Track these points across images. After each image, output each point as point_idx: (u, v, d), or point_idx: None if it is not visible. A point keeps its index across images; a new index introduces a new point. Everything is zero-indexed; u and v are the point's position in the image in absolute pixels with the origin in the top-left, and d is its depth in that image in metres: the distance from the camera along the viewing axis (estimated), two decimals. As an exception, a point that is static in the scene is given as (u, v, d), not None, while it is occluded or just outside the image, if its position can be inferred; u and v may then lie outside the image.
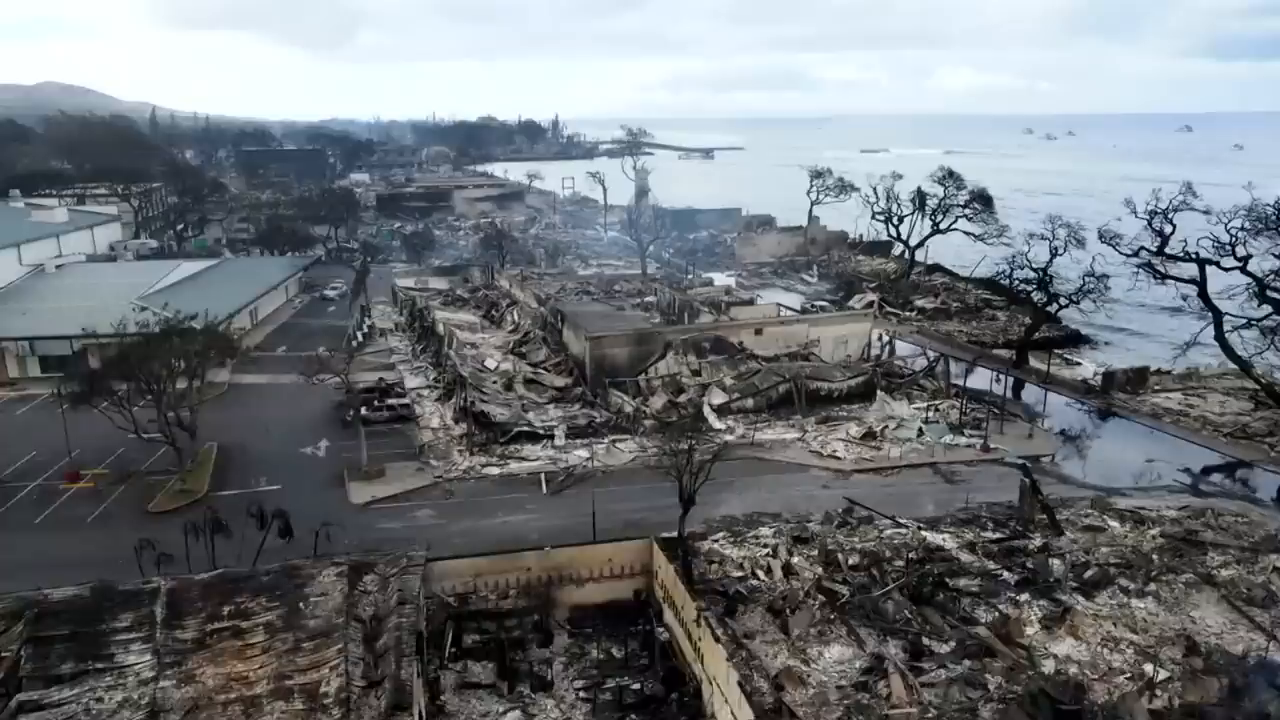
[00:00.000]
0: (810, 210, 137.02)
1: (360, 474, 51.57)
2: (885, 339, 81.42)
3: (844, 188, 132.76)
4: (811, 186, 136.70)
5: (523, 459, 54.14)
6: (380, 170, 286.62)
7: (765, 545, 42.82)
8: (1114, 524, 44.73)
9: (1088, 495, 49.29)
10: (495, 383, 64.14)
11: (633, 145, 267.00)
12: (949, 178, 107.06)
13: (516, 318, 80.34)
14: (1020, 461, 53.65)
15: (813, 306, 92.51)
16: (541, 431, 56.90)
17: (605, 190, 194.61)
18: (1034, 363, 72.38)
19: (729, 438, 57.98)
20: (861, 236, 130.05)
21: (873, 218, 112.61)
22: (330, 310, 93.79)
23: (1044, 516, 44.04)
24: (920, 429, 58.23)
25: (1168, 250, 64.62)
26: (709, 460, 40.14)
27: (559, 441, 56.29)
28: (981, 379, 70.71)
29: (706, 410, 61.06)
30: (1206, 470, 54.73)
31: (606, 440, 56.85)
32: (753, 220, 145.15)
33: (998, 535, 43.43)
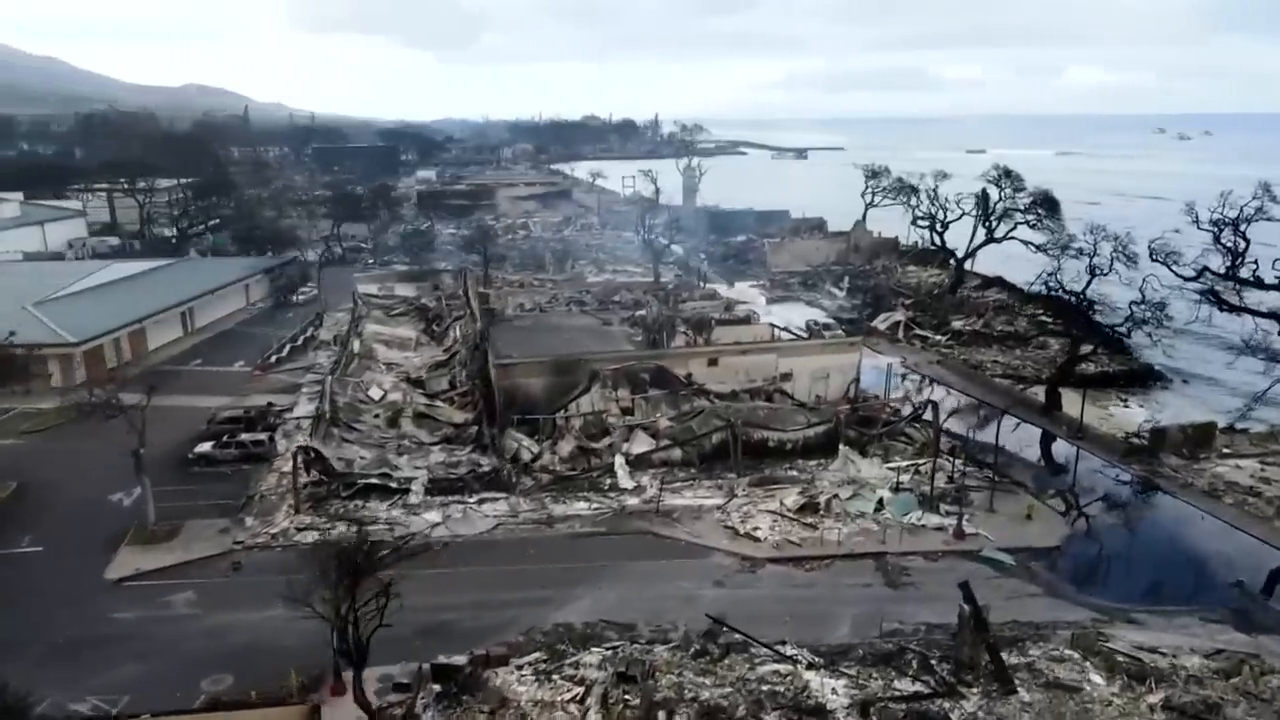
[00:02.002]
0: (865, 213, 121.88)
1: (145, 535, 41.63)
2: (903, 371, 67.52)
3: (903, 189, 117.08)
4: (866, 188, 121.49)
5: (356, 521, 43.11)
6: (456, 168, 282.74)
7: (579, 682, 30.59)
8: (1097, 678, 30.61)
9: (1080, 619, 35.09)
10: (377, 417, 53.47)
11: (688, 144, 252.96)
12: (1005, 178, 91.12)
13: (458, 334, 69.64)
14: (997, 559, 39.65)
15: (815, 326, 78.65)
16: (395, 485, 45.84)
17: (657, 190, 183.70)
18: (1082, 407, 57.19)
19: (631, 501, 45.72)
20: (917, 243, 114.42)
21: (914, 223, 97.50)
22: (288, 316, 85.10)
23: (988, 662, 30.35)
24: (881, 500, 44.64)
25: (1240, 273, 48.89)
26: (383, 589, 27.86)
27: (414, 499, 45.15)
28: (1005, 428, 56.32)
29: (618, 463, 48.83)
30: (1274, 582, 39.47)
31: (474, 499, 45.37)
32: (800, 224, 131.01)
33: (914, 688, 30.00)
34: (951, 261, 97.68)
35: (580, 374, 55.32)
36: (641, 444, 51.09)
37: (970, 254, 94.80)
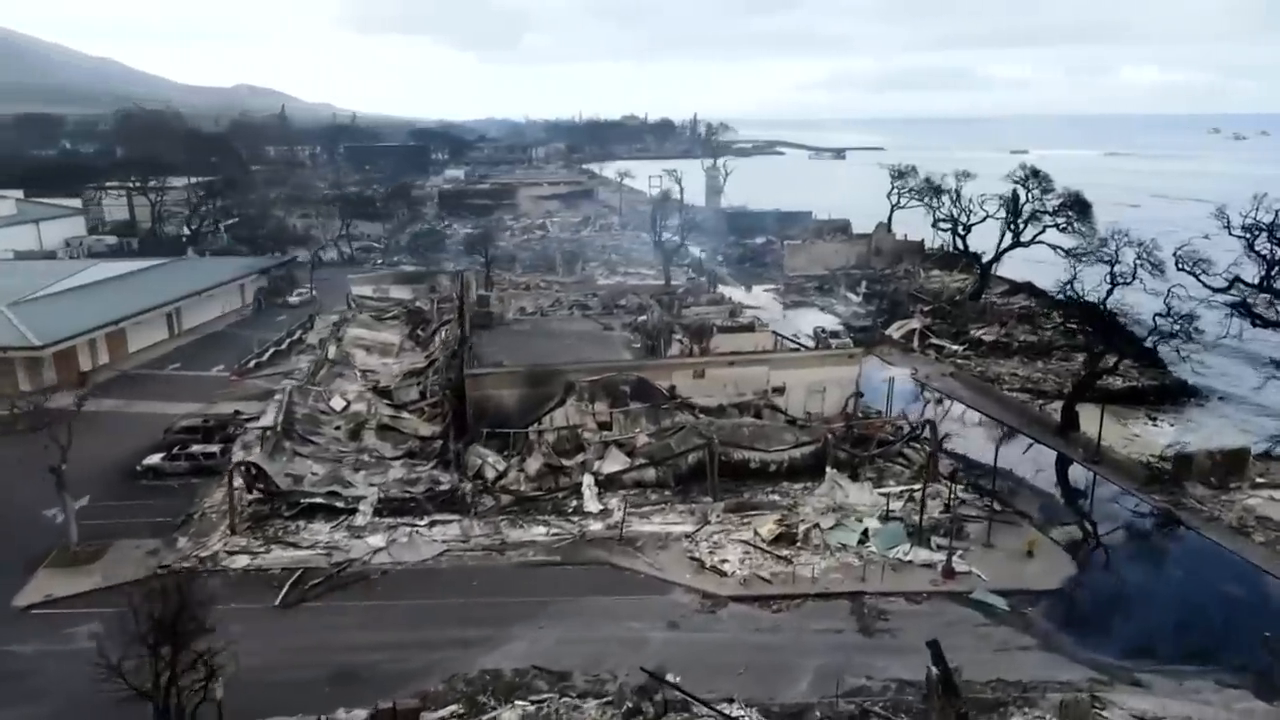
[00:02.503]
0: (890, 215, 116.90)
1: (67, 557, 38.95)
2: (920, 384, 63.44)
3: (930, 190, 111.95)
4: (892, 188, 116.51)
5: (293, 545, 40.11)
6: (487, 167, 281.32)
7: (491, 744, 27.14)
8: (1086, 757, 26.46)
9: (1075, 679, 30.88)
10: (338, 429, 50.49)
11: (715, 144, 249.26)
12: (1033, 178, 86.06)
13: (443, 340, 66.58)
14: (988, 602, 35.49)
15: (823, 334, 74.33)
16: (341, 505, 42.74)
17: (682, 190, 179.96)
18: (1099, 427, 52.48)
19: (594, 526, 42.17)
20: (943, 246, 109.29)
21: (934, 225, 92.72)
22: (280, 319, 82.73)
23: (958, 733, 26.36)
24: (866, 532, 40.61)
25: (1277, 284, 44.02)
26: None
27: (360, 520, 42.02)
28: (1016, 450, 52.00)
29: (586, 484, 45.29)
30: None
31: (425, 522, 42.12)
32: (823, 225, 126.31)
33: (870, 763, 26.10)
34: (978, 266, 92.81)
35: (556, 385, 51.90)
36: (614, 462, 47.52)
37: (996, 258, 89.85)
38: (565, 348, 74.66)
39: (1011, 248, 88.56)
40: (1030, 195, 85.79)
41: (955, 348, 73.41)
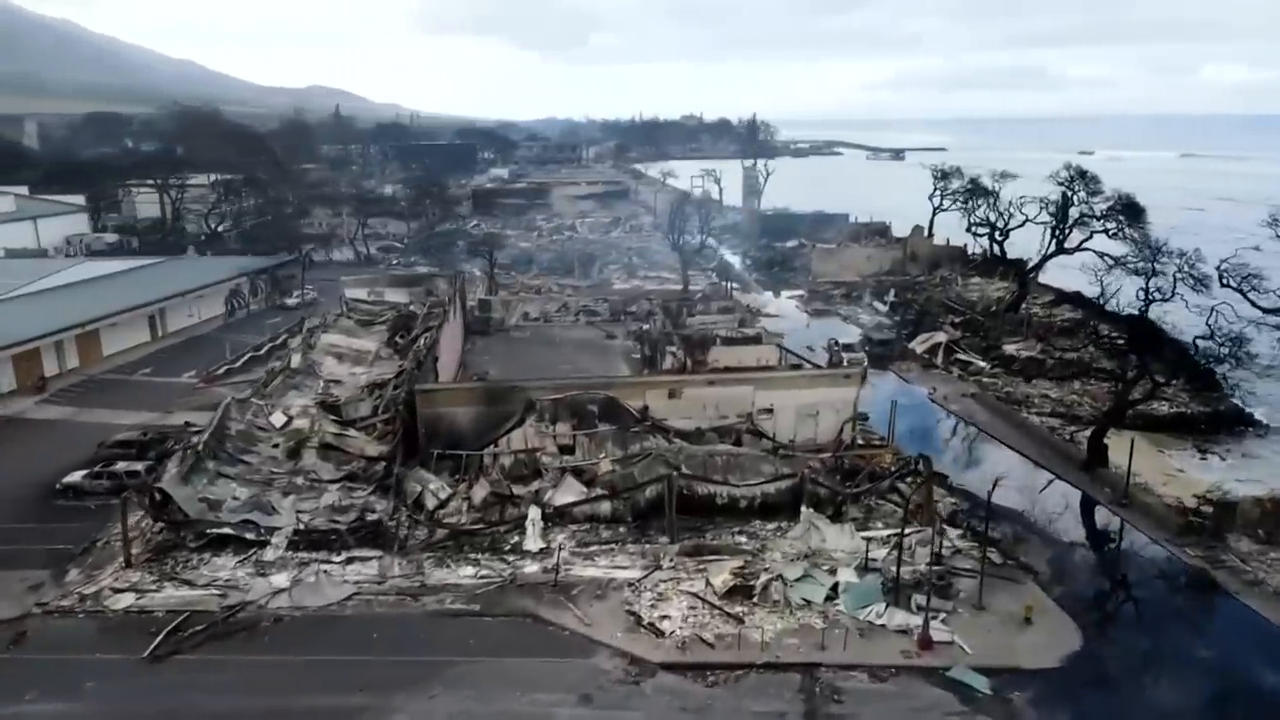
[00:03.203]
0: (931, 218, 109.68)
1: (-68, 591, 35.37)
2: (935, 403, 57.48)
3: (975, 192, 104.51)
4: (934, 190, 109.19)
5: (187, 583, 35.98)
6: (536, 166, 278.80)
7: None
8: None
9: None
10: (276, 446, 46.39)
11: (768, 144, 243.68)
12: (1079, 179, 78.79)
13: (418, 347, 62.24)
14: (967, 682, 29.68)
15: (835, 347, 68.41)
16: (253, 536, 38.52)
17: (721, 190, 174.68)
18: (1129, 464, 45.83)
19: (530, 569, 37.28)
20: (984, 252, 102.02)
21: (969, 230, 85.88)
22: (272, 322, 79.58)
23: None
24: (836, 586, 34.99)
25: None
26: None
27: (271, 554, 37.77)
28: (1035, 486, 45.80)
29: (531, 517, 40.39)
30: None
31: (341, 558, 37.68)
32: (861, 228, 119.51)
33: None
34: (1029, 273, 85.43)
35: (515, 403, 47.14)
36: (568, 493, 42.56)
37: (1037, 266, 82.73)
38: (560, 357, 70.37)
39: (1054, 254, 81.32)
40: (1076, 198, 78.51)
41: (983, 364, 66.85)
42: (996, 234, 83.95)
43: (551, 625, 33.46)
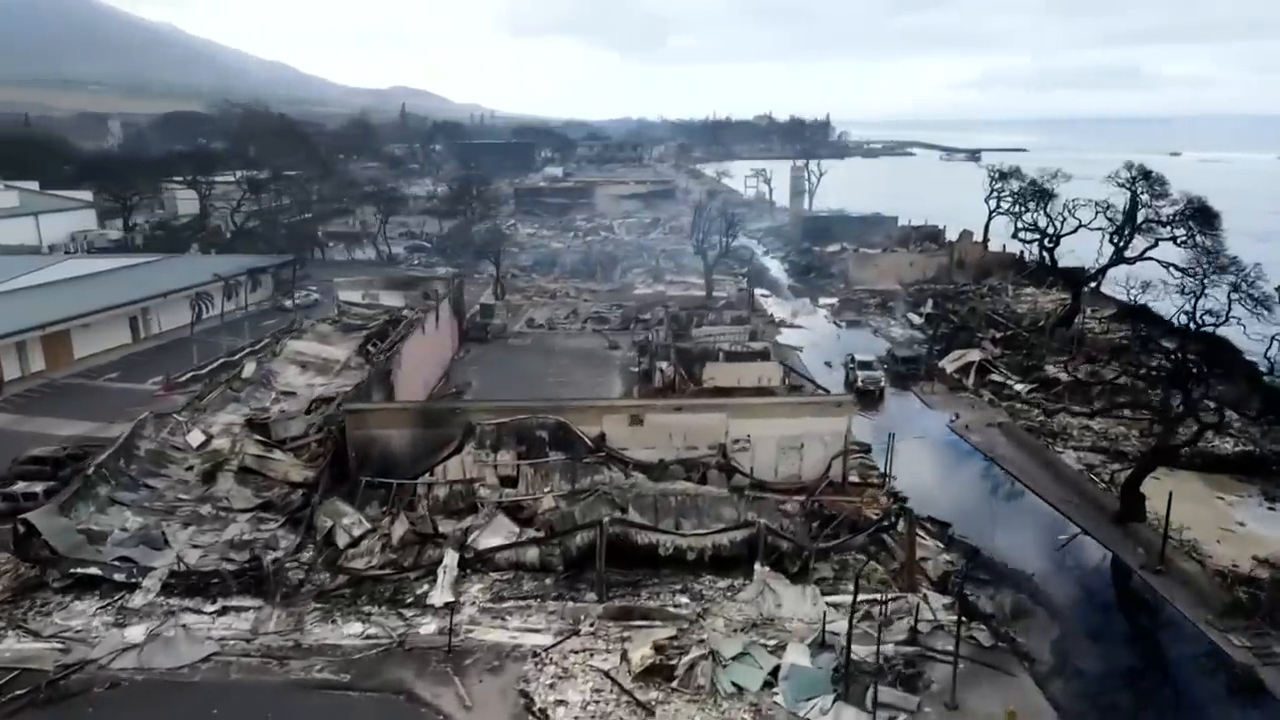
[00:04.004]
0: (987, 222, 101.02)
1: None
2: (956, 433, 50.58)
3: (1036, 194, 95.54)
4: (991, 192, 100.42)
5: (32, 634, 31.47)
6: (596, 165, 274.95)
7: None
8: None
9: None
10: (190, 469, 41.97)
11: (822, 143, 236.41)
12: (1142, 180, 70.26)
13: (380, 357, 57.48)
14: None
15: (850, 364, 61.61)
16: (123, 578, 33.92)
17: (770, 191, 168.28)
18: (1166, 519, 38.25)
19: (428, 628, 31.86)
20: (1042, 258, 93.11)
21: (1015, 236, 77.81)
22: (267, 324, 76.03)
23: None
24: (776, 673, 28.71)
25: None
26: None
27: (139, 600, 33.12)
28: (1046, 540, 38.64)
29: (445, 563, 35.00)
30: None
31: (215, 607, 32.81)
32: (910, 232, 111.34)
33: None
34: (1084, 284, 76.93)
35: (454, 428, 41.86)
36: (495, 534, 37.06)
37: (1093, 276, 74.35)
38: (553, 369, 65.39)
39: (1114, 264, 72.81)
40: (1139, 202, 70.02)
41: (1019, 387, 59.20)
42: (1046, 240, 75.50)
43: (425, 707, 27.94)
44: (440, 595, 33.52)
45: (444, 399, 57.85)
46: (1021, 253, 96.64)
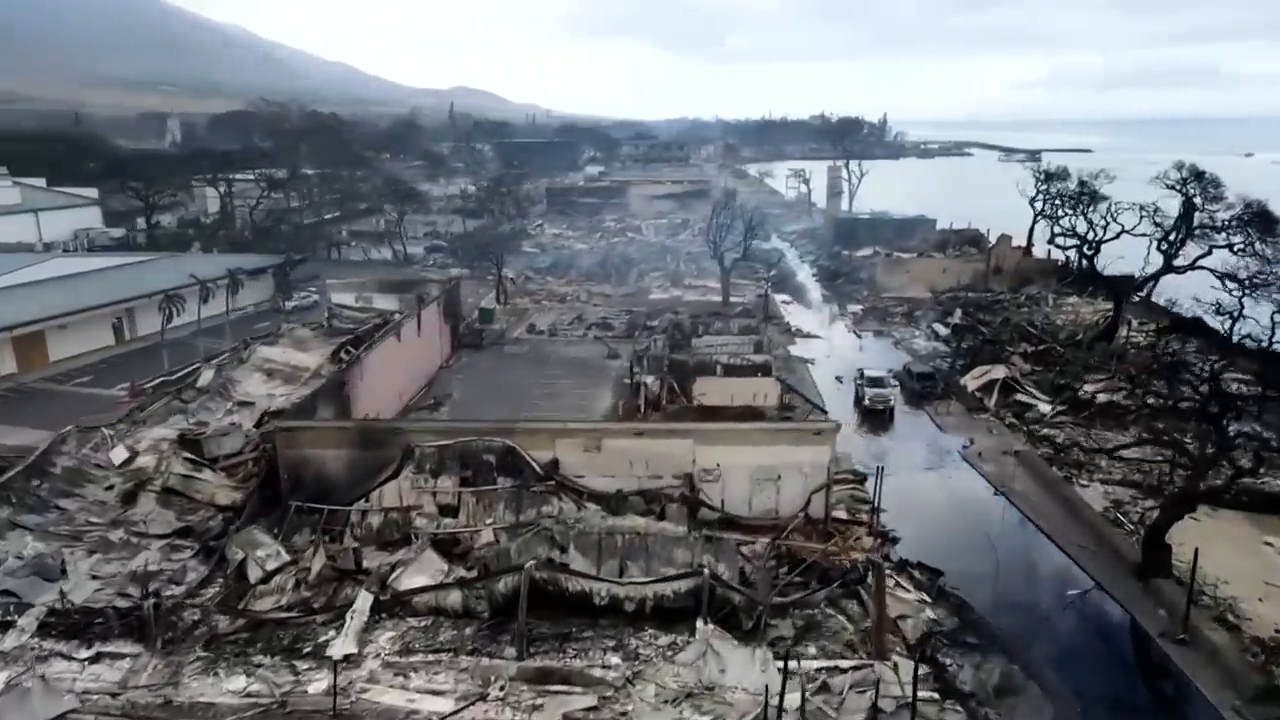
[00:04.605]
0: (1032, 226, 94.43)
1: None
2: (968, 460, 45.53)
3: (1084, 196, 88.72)
4: (1037, 193, 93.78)
5: (-117, 676, 28.36)
6: (640, 164, 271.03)
7: None
8: None
9: None
10: (111, 488, 38.82)
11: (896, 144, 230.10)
12: (1195, 182, 63.95)
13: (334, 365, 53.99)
14: None
15: (860, 379, 56.56)
16: (-2, 615, 30.70)
17: (809, 191, 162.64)
18: (1191, 579, 32.77)
19: (319, 686, 28.00)
20: (1081, 266, 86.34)
21: (1051, 241, 71.75)
22: (259, 326, 73.35)
23: None
24: (701, 759, 24.28)
25: None
26: None
27: (12, 641, 29.83)
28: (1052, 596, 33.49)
29: (357, 606, 31.14)
30: None
31: (88, 654, 29.37)
32: (949, 235, 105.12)
33: None
34: (1127, 294, 70.62)
35: (392, 450, 38.07)
36: (420, 573, 33.11)
37: (1138, 286, 68.15)
38: (542, 379, 61.58)
39: (1162, 272, 66.63)
40: (1192, 204, 63.79)
41: (1045, 408, 53.57)
42: (1086, 247, 69.37)
43: (287, 790, 24.11)
44: (342, 645, 29.65)
45: (418, 411, 54.42)
46: (1066, 259, 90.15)
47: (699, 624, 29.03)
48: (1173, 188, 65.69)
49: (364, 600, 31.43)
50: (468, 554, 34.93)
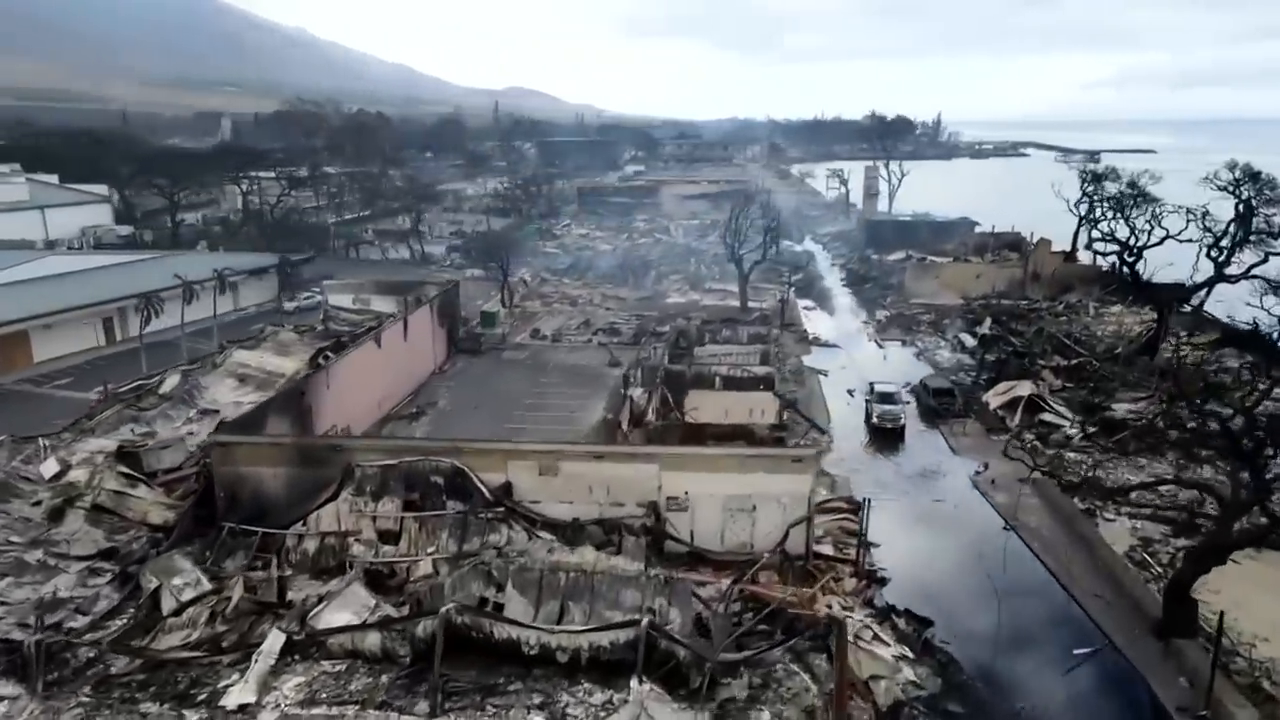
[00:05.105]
0: (1076, 231, 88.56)
1: None
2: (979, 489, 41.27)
3: (1134, 198, 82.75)
4: (1082, 196, 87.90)
5: None
6: (685, 164, 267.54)
7: None
8: None
9: None
10: (38, 504, 36.31)
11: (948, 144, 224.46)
12: (1248, 182, 58.51)
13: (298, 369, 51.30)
14: None
15: (870, 395, 52.23)
16: (-124, 646, 28.19)
17: (847, 192, 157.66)
18: (1216, 645, 28.26)
19: (203, 744, 24.96)
20: (1122, 273, 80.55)
21: (1088, 247, 66.57)
22: (254, 328, 71.26)
23: None
24: None
25: None
26: None
27: (-113, 676, 27.31)
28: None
29: (265, 649, 28.06)
30: None
31: (-33, 693, 26.72)
32: (988, 239, 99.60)
33: None
34: (1173, 304, 65.21)
35: (333, 469, 35.03)
36: (344, 609, 29.95)
37: (1186, 296, 62.76)
38: (533, 388, 58.62)
39: (1213, 282, 61.22)
40: (1242, 206, 58.41)
41: (1072, 430, 48.84)
42: (1127, 253, 64.08)
43: None
44: (239, 693, 26.57)
45: (398, 420, 51.62)
46: (1114, 265, 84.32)
47: (633, 684, 25.39)
48: (1226, 189, 60.22)
49: (274, 640, 28.30)
50: (404, 584, 31.78)
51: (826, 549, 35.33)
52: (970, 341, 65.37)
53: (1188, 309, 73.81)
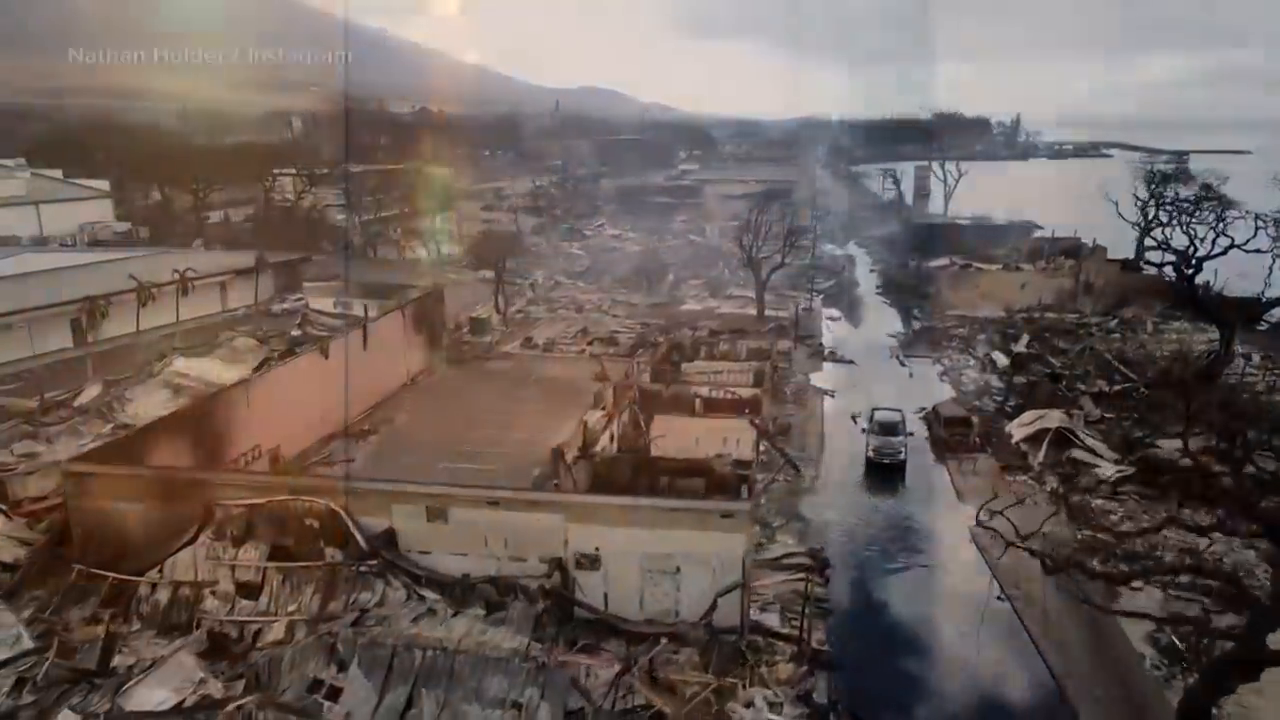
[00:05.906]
0: (1140, 239, 79.74)
1: None
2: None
3: (1206, 201, 73.65)
4: (1150, 198, 78.99)
5: None
6: (739, 164, 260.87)
7: None
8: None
9: None
10: (-117, 535, 32.32)
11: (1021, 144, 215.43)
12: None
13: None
14: None
15: (872, 425, 45.44)
16: None
17: (900, 193, 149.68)
18: None
19: None
20: (1180, 286, 71.92)
21: (1140, 257, 58.53)
22: (247, 329, 67.79)
23: None
24: None
25: None
26: None
27: None
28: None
29: (53, 730, 23.37)
30: None
31: None
32: (1044, 245, 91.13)
33: None
34: (1238, 322, 57.07)
35: (194, 506, 30.22)
36: (162, 685, 25.11)
37: (1259, 313, 54.68)
38: (507, 405, 53.06)
39: (1287, 298, 53.05)
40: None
41: (1107, 471, 41.61)
42: (1185, 264, 56.08)
43: None
44: (2, 793, 21.90)
45: (348, 438, 46.84)
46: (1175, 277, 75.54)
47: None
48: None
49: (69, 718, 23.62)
50: (249, 651, 26.78)
51: (773, 618, 29.29)
52: (1003, 361, 57.93)
53: (1263, 326, 65.50)
